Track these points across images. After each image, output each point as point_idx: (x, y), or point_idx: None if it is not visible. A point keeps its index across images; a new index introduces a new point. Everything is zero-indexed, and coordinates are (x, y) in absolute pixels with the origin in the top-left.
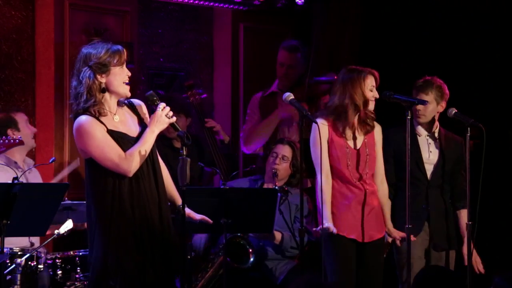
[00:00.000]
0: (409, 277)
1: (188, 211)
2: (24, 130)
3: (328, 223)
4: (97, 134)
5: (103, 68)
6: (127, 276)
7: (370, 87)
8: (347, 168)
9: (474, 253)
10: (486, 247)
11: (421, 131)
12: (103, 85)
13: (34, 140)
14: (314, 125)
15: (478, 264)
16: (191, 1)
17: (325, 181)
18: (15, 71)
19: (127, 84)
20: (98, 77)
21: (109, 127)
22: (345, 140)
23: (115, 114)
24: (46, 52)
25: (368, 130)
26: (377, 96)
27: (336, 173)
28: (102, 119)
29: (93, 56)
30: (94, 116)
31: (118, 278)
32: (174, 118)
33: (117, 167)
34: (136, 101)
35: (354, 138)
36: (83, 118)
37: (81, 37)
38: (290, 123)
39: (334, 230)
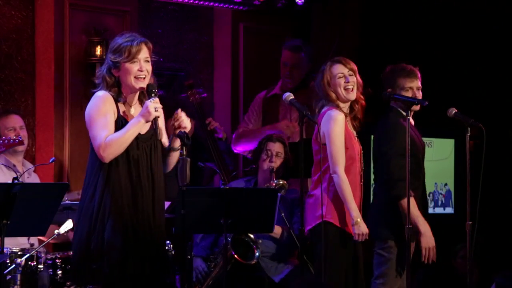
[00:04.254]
0: (408, 272)
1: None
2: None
3: (364, 225)
4: (101, 109)
5: (115, 64)
6: (110, 261)
7: (338, 75)
8: (359, 162)
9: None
10: (486, 247)
11: None
12: (117, 79)
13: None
14: (337, 115)
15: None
16: (191, 1)
17: (345, 176)
18: (15, 71)
19: (140, 78)
20: (113, 71)
21: (121, 113)
22: (353, 132)
23: (131, 107)
24: (46, 52)
25: (357, 128)
26: (350, 80)
27: (348, 166)
28: (119, 104)
29: (110, 49)
30: (113, 97)
31: (102, 263)
32: (159, 114)
33: (97, 149)
34: None
35: (354, 132)
36: (100, 92)
37: (81, 37)
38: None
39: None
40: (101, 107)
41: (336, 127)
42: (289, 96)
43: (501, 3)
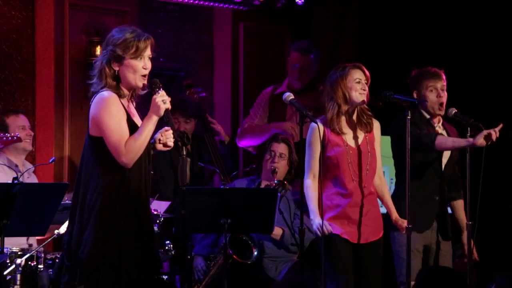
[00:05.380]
0: (408, 273)
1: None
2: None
3: (318, 218)
4: (113, 113)
5: (117, 58)
6: (129, 267)
7: (356, 80)
8: (347, 167)
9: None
10: (486, 247)
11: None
12: (116, 73)
13: (30, 143)
14: (310, 125)
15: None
16: (191, 1)
17: (312, 181)
18: (15, 71)
19: (143, 76)
20: (112, 65)
21: (127, 111)
22: (344, 138)
23: (128, 102)
24: (46, 52)
25: (368, 129)
26: (366, 88)
27: (333, 174)
28: (122, 100)
29: (112, 41)
30: (117, 94)
31: (120, 268)
32: (169, 106)
33: (117, 156)
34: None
35: (354, 136)
36: (106, 93)
37: (81, 37)
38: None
39: (329, 228)
40: (113, 111)
41: (309, 137)
42: (289, 96)
43: (501, 3)
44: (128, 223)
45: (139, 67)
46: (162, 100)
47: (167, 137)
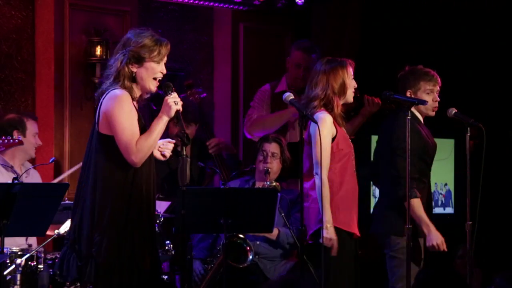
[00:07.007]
0: (408, 274)
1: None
2: (29, 139)
3: (332, 230)
4: (126, 112)
5: (138, 59)
6: (141, 271)
7: (351, 76)
8: (352, 159)
9: None
10: (486, 247)
11: None
12: (133, 74)
13: (34, 150)
14: (325, 117)
15: None
16: (191, 1)
17: (326, 179)
18: (15, 71)
19: (157, 80)
20: (130, 66)
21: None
22: (344, 130)
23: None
24: (46, 52)
25: (344, 124)
26: (355, 85)
27: (343, 166)
28: (133, 102)
29: (132, 43)
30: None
31: (132, 272)
32: (180, 107)
33: (127, 155)
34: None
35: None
36: (118, 91)
37: (81, 37)
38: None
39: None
40: (125, 109)
41: (323, 128)
42: (289, 96)
43: (502, 3)
44: (141, 223)
45: (157, 71)
46: (174, 101)
47: (167, 148)
